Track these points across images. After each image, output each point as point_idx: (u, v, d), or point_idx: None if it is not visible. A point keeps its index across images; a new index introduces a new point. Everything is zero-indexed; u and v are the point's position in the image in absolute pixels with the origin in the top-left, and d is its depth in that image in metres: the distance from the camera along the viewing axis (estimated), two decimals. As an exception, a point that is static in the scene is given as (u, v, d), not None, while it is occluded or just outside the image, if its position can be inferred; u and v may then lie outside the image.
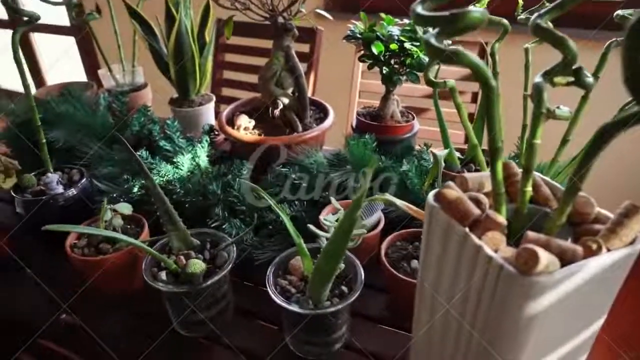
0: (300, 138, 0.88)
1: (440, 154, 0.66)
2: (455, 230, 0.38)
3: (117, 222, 0.70)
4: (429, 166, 0.82)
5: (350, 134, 0.95)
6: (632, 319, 1.34)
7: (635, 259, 0.35)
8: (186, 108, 1.09)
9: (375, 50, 0.86)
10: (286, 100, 0.94)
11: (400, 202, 0.62)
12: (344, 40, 0.92)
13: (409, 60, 0.87)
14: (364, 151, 0.82)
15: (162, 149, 0.87)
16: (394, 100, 0.96)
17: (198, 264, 0.58)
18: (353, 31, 0.90)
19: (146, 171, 0.60)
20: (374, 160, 0.74)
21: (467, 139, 0.75)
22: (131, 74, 1.19)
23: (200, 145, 0.88)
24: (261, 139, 0.89)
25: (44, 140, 0.79)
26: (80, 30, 2.16)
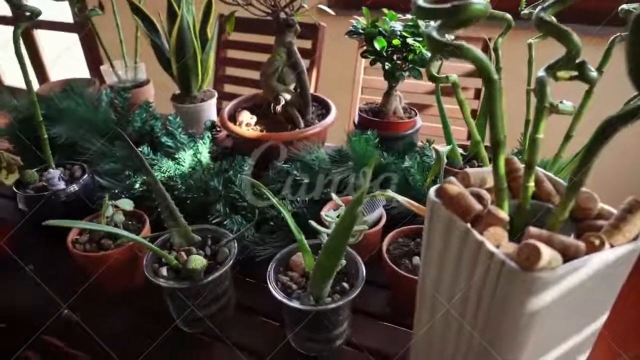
0: (302, 134, 0.88)
1: (443, 150, 0.66)
2: (456, 225, 0.37)
3: (119, 218, 0.70)
4: (431, 163, 0.81)
5: (352, 130, 0.94)
6: (635, 316, 1.33)
7: (638, 255, 0.35)
8: (188, 104, 1.09)
9: (377, 46, 0.86)
10: (288, 97, 0.93)
11: (401, 198, 0.62)
12: (346, 35, 0.91)
13: (411, 56, 0.86)
14: (366, 147, 0.82)
15: (164, 145, 0.87)
16: (396, 96, 0.96)
17: (199, 260, 0.58)
18: (355, 27, 0.90)
19: (147, 167, 0.60)
20: (375, 156, 0.73)
21: (469, 136, 0.75)
22: (133, 70, 1.19)
23: (202, 141, 0.88)
24: (263, 135, 0.89)
25: (45, 136, 0.79)
26: (84, 27, 2.16)
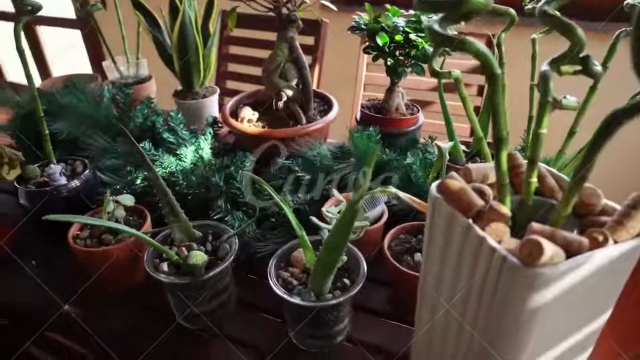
0: (304, 130, 0.87)
1: (445, 146, 0.66)
2: (458, 221, 0.37)
3: (120, 214, 0.70)
4: (434, 159, 0.81)
5: (355, 126, 0.94)
6: (638, 313, 1.32)
7: (642, 251, 0.35)
8: (190, 100, 1.08)
9: (380, 42, 0.85)
10: (290, 93, 0.93)
11: (404, 195, 0.61)
12: (348, 31, 0.91)
13: (414, 52, 0.86)
14: (368, 144, 0.81)
15: (165, 141, 0.87)
16: (398, 92, 0.95)
17: (199, 256, 0.58)
18: (358, 22, 0.89)
19: (149, 163, 0.60)
20: (375, 153, 0.73)
21: (472, 132, 0.74)
22: (135, 66, 1.18)
23: (203, 137, 0.88)
24: (265, 131, 0.88)
25: (47, 132, 0.79)
26: (86, 23, 2.16)
